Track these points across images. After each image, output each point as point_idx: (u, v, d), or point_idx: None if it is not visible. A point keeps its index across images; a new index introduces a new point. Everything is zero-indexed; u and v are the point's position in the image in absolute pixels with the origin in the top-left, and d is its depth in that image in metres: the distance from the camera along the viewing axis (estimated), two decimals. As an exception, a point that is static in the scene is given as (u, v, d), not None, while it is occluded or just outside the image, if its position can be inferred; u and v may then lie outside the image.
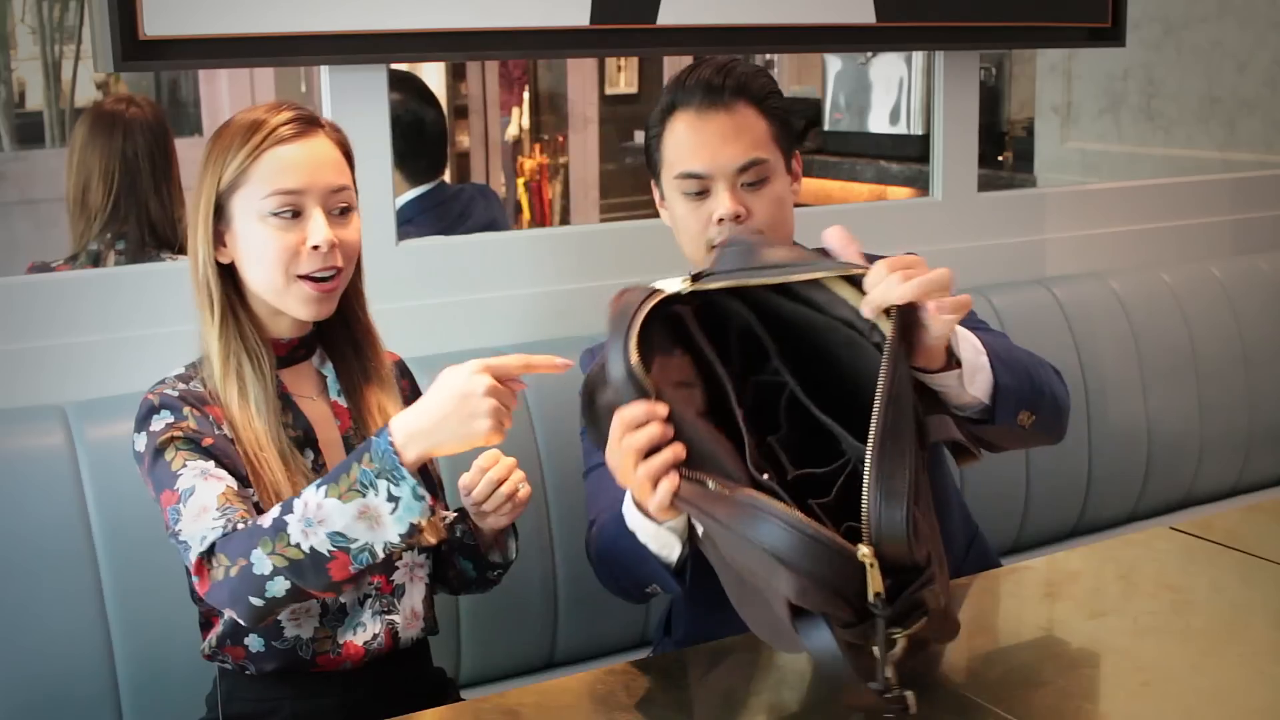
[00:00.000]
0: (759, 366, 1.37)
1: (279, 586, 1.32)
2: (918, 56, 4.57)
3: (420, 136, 2.83)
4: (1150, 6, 3.77)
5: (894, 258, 1.29)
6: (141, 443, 1.44)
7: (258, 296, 1.49)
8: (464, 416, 1.31)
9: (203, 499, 1.37)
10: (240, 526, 1.35)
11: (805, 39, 2.34)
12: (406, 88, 2.87)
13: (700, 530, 1.29)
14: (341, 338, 1.58)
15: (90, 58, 4.45)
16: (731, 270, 1.32)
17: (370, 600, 1.53)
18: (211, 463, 1.41)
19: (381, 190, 2.01)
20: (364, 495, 1.30)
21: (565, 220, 5.97)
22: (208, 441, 1.42)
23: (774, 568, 1.16)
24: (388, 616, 1.54)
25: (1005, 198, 2.84)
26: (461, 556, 1.61)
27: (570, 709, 1.38)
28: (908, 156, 4.72)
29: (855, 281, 1.30)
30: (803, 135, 5.26)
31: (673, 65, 5.22)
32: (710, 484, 1.24)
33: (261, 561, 1.31)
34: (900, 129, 4.86)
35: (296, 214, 1.46)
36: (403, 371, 1.67)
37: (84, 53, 4.54)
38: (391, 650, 1.54)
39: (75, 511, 1.68)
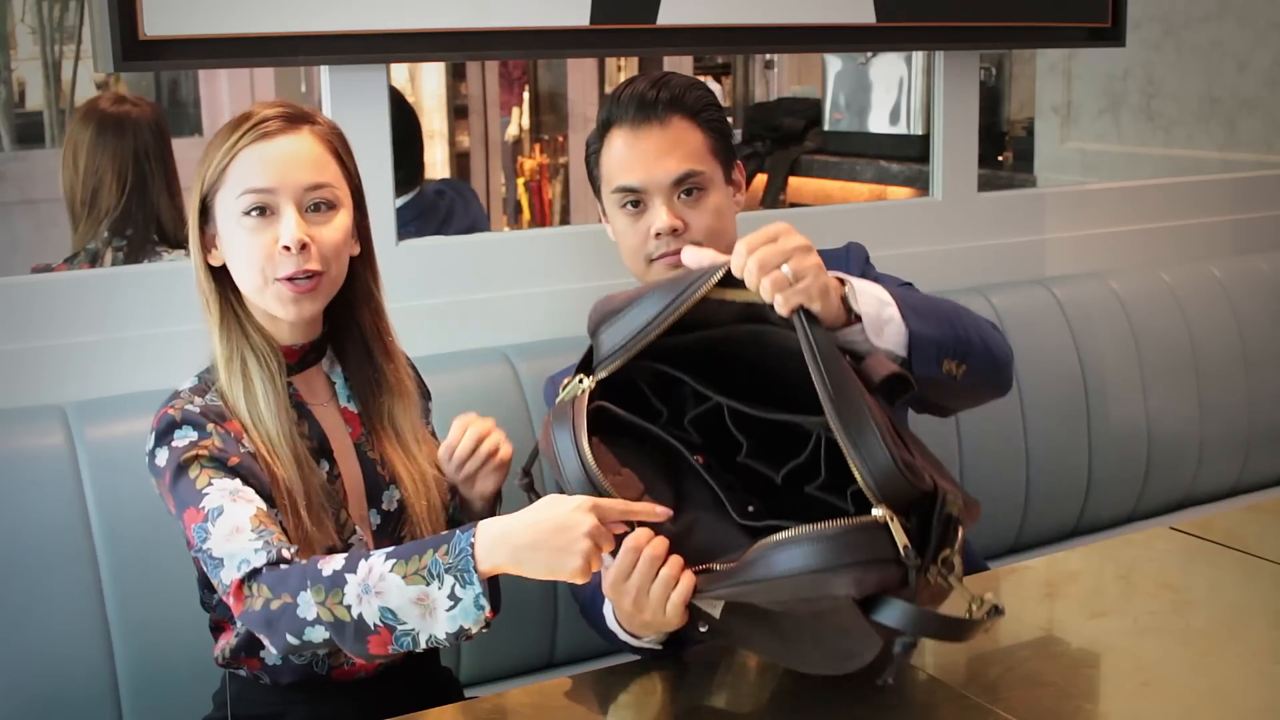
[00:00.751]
0: (683, 405, 1.40)
1: (318, 634, 1.29)
2: (918, 56, 4.57)
3: (397, 145, 2.80)
4: (1150, 6, 3.77)
5: (752, 239, 1.29)
6: (163, 458, 1.40)
7: (250, 300, 1.48)
8: (558, 549, 1.25)
9: (234, 519, 1.34)
10: (284, 554, 1.32)
11: (805, 39, 2.34)
12: None
13: (717, 612, 1.29)
14: (351, 341, 1.55)
15: (90, 58, 4.45)
16: (617, 348, 1.34)
17: None
18: (238, 481, 1.38)
19: (382, 190, 2.01)
20: (427, 584, 1.26)
21: (565, 220, 5.96)
22: (234, 461, 1.39)
23: (820, 581, 1.17)
24: None
25: (1005, 198, 2.84)
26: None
27: (570, 709, 1.38)
28: (908, 156, 4.71)
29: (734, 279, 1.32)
30: (803, 135, 5.26)
31: (672, 65, 5.22)
32: (716, 566, 1.26)
33: (308, 606, 1.28)
34: (900, 129, 4.85)
35: (266, 212, 1.42)
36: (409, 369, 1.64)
37: (84, 53, 4.54)
38: (406, 657, 1.53)
39: (75, 511, 1.68)
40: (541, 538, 1.26)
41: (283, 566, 1.31)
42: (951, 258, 2.54)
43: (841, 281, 1.36)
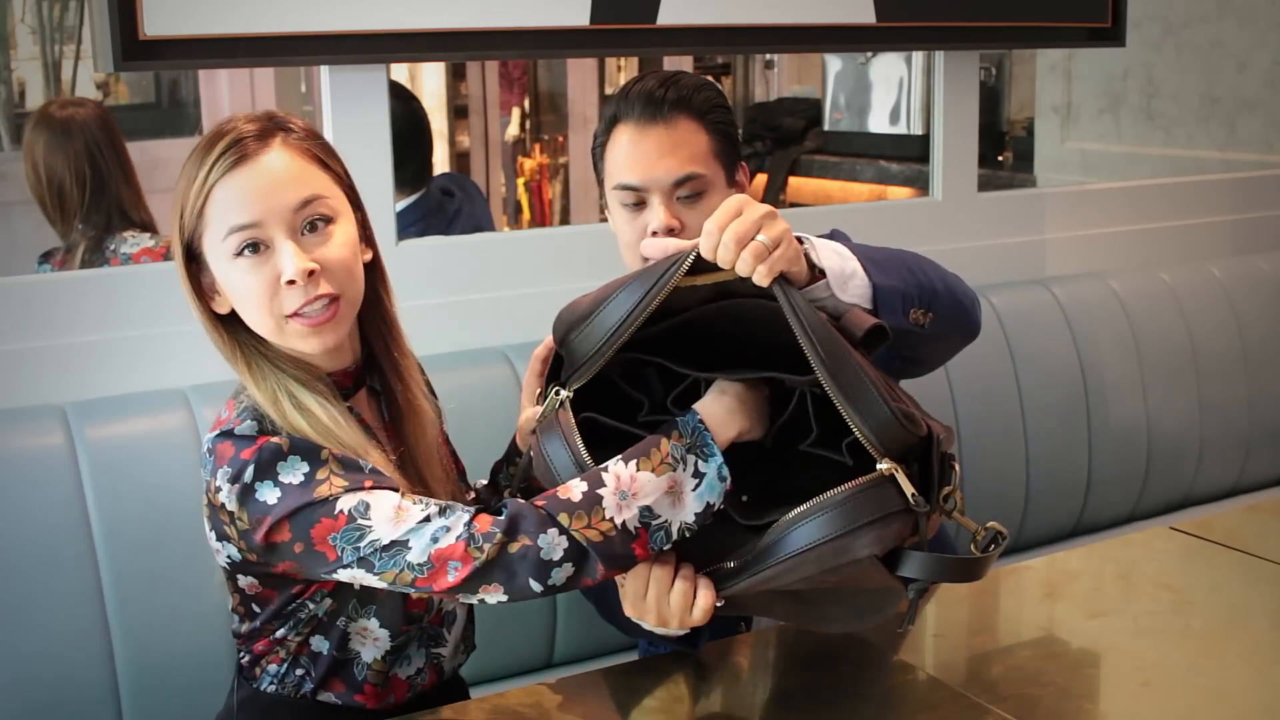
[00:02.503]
0: (662, 388, 1.41)
1: (561, 575, 1.24)
2: (918, 56, 4.57)
3: (405, 144, 2.80)
4: (1150, 6, 3.77)
5: (718, 217, 1.29)
6: (273, 494, 1.28)
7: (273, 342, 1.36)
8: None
9: (386, 504, 1.27)
10: (468, 508, 1.27)
11: (805, 39, 2.34)
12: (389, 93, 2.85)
13: (720, 601, 1.29)
14: (381, 356, 1.45)
15: (90, 58, 4.45)
16: (591, 352, 1.33)
17: (417, 633, 1.47)
18: (369, 481, 1.29)
19: (381, 190, 2.01)
20: (674, 470, 1.25)
21: (565, 220, 5.96)
22: (368, 485, 1.29)
23: (842, 547, 1.20)
24: (434, 650, 1.49)
25: (1005, 198, 2.84)
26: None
27: (570, 709, 1.38)
28: (908, 156, 4.71)
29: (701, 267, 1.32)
30: (803, 135, 5.26)
31: (672, 65, 5.22)
32: (730, 564, 1.27)
33: (553, 546, 1.23)
34: (900, 129, 4.85)
35: (260, 249, 1.30)
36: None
37: (84, 53, 4.54)
38: (435, 684, 1.50)
39: (75, 511, 1.68)
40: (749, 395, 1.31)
41: (501, 515, 1.25)
42: (951, 258, 2.52)
43: (800, 240, 1.36)
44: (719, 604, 1.29)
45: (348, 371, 1.41)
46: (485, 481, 1.65)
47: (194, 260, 1.35)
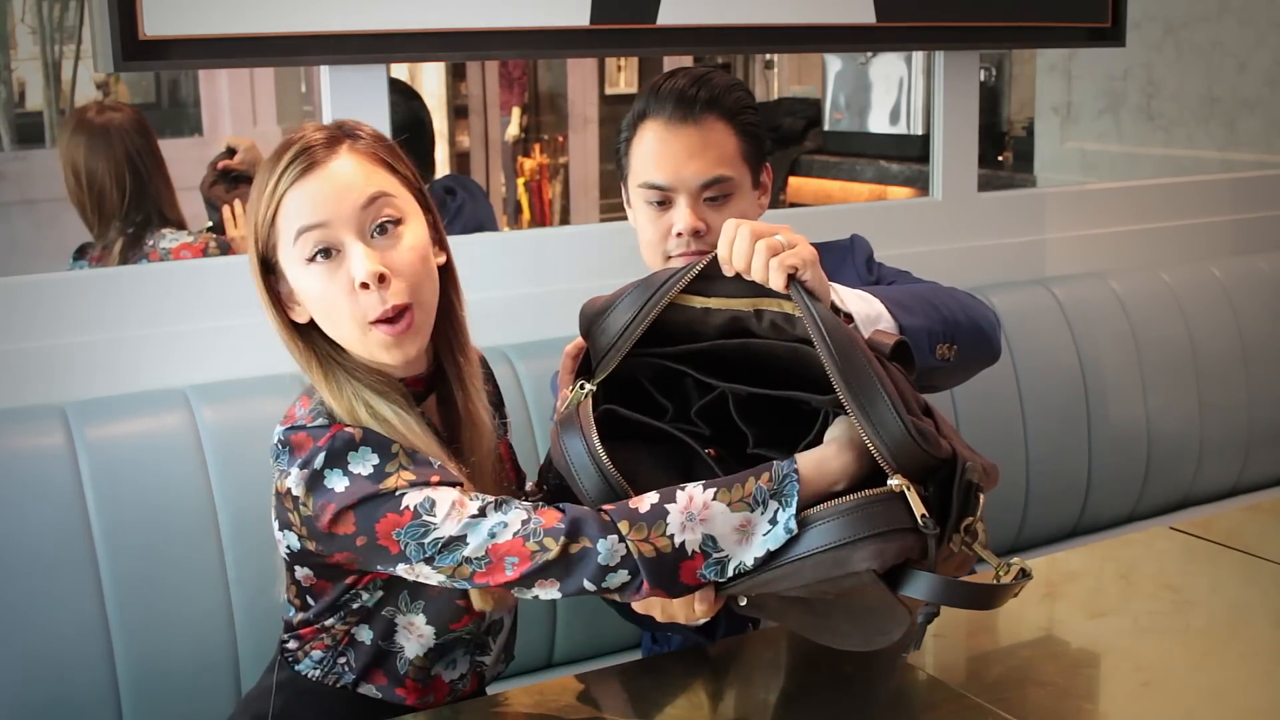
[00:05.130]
0: (688, 398, 1.40)
1: (617, 580, 1.24)
2: (918, 56, 4.57)
3: (406, 140, 2.80)
4: (1150, 6, 3.77)
5: (734, 239, 1.30)
6: (341, 483, 1.28)
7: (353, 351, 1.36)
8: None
9: (447, 500, 1.27)
10: (527, 501, 1.28)
11: (805, 39, 2.34)
12: (390, 89, 2.86)
13: (743, 600, 1.29)
14: (446, 362, 1.44)
15: (90, 58, 4.45)
16: (609, 346, 1.34)
17: (466, 638, 1.47)
18: (436, 477, 1.30)
19: (381, 190, 2.00)
20: (751, 510, 1.23)
21: (565, 220, 5.97)
22: (435, 479, 1.29)
23: (841, 557, 1.17)
24: (478, 658, 1.49)
25: (1005, 198, 2.84)
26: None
27: (570, 709, 1.38)
28: (908, 156, 4.72)
29: (709, 276, 1.33)
30: (803, 135, 5.26)
31: (673, 65, 5.22)
32: None
33: (610, 552, 1.23)
34: (900, 129, 4.86)
35: (331, 253, 1.31)
36: (486, 375, 1.53)
37: (84, 53, 4.54)
38: (475, 691, 1.49)
39: (75, 512, 1.68)
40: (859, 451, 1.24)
41: (562, 515, 1.25)
42: (951, 258, 2.54)
43: None
44: (741, 603, 1.28)
45: (420, 377, 1.40)
46: (534, 483, 1.62)
47: (270, 271, 1.36)
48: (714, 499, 1.23)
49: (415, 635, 1.42)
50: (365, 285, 1.30)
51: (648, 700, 1.42)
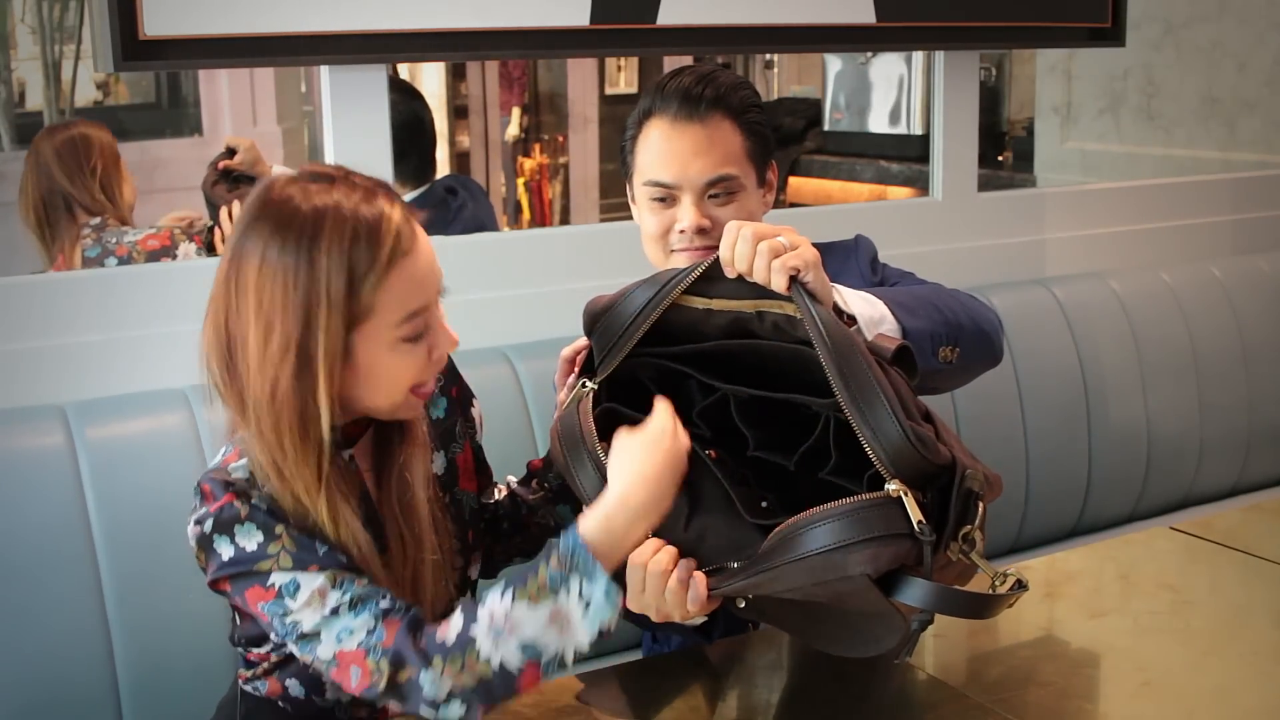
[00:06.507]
0: (690, 399, 1.40)
1: (454, 711, 1.21)
2: (918, 56, 4.57)
3: (408, 139, 2.81)
4: (1150, 6, 3.77)
5: (735, 241, 1.30)
6: (226, 551, 1.27)
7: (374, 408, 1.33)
8: (667, 476, 1.23)
9: (308, 589, 1.25)
10: (384, 604, 1.24)
11: (805, 39, 2.35)
12: (392, 88, 2.87)
13: (741, 603, 1.28)
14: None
15: (90, 58, 4.45)
16: (610, 345, 1.35)
17: None
18: (315, 566, 1.27)
19: (381, 190, 2.00)
20: (555, 596, 1.20)
21: (565, 220, 5.97)
22: (313, 568, 1.26)
23: (834, 561, 1.16)
24: None
25: (1005, 198, 2.84)
26: (560, 504, 1.53)
27: (570, 709, 1.38)
28: (908, 156, 4.72)
29: (711, 277, 1.33)
30: (803, 135, 5.26)
31: (673, 65, 5.22)
32: (733, 564, 1.25)
33: (434, 685, 1.20)
34: (900, 129, 4.85)
35: (424, 333, 1.32)
36: (453, 375, 1.53)
37: (84, 53, 4.54)
38: None
39: (75, 512, 1.68)
40: (666, 480, 1.23)
41: (398, 637, 1.23)
42: (951, 258, 2.54)
43: None
44: (740, 605, 1.28)
45: (358, 421, 1.37)
46: (515, 479, 1.60)
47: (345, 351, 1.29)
48: (513, 602, 1.21)
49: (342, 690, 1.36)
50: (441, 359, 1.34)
51: (648, 700, 1.42)
